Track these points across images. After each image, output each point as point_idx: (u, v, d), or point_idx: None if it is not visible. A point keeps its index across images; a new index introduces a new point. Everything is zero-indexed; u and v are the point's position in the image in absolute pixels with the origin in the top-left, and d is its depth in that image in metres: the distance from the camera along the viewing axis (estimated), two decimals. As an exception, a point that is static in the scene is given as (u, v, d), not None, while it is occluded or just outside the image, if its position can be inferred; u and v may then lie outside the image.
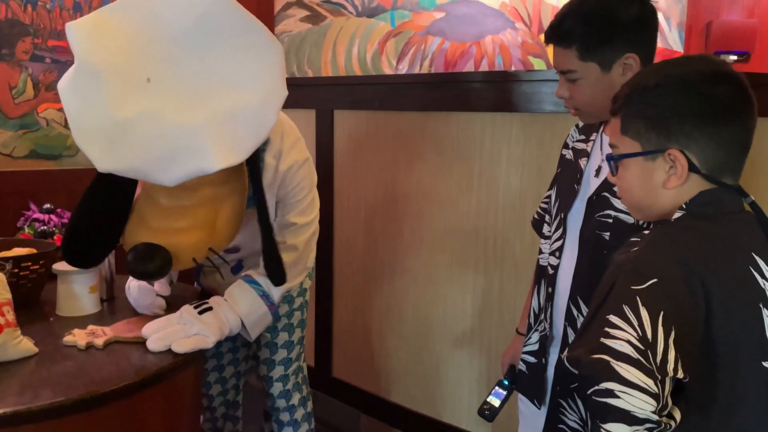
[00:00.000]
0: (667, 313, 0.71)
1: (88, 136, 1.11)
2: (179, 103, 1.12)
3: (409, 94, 2.08)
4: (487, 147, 1.87)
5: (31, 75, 2.39)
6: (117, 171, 1.12)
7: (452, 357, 2.02)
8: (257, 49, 1.18)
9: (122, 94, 1.10)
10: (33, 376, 1.20)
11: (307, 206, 1.56)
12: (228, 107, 1.13)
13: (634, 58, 1.07)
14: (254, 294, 1.46)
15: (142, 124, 1.09)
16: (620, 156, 0.87)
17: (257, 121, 1.15)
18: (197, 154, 1.09)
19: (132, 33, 1.15)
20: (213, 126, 1.11)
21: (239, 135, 1.14)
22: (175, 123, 1.10)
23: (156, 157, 1.10)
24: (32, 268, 1.53)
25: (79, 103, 1.11)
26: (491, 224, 1.88)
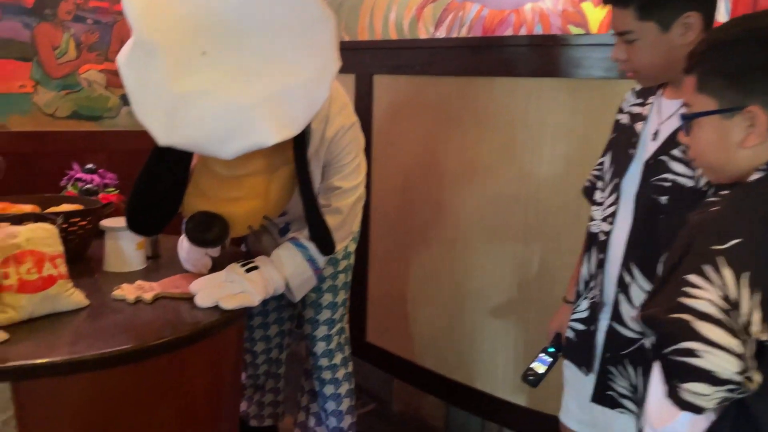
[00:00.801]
0: (753, 274, 0.69)
1: (147, 111, 1.13)
2: (235, 78, 1.13)
3: (451, 59, 2.04)
4: (531, 114, 1.83)
5: (74, 35, 2.40)
6: (176, 145, 1.14)
7: (488, 325, 2.02)
8: (311, 22, 1.18)
9: (179, 69, 1.11)
10: (85, 327, 1.23)
11: (353, 170, 1.56)
12: (282, 83, 1.14)
13: (694, 16, 1.03)
14: (300, 257, 1.47)
15: (199, 99, 1.11)
16: (695, 114, 0.84)
17: (310, 96, 1.17)
18: (253, 129, 1.11)
19: (186, 7, 1.15)
20: (268, 102, 1.13)
21: (293, 110, 1.15)
22: (231, 99, 1.12)
23: (213, 132, 1.12)
24: (80, 224, 1.55)
25: (137, 78, 1.12)
26: (533, 193, 1.85)
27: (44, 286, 1.22)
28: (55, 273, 1.24)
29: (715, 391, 0.67)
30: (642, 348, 1.13)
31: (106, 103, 2.52)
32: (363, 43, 2.41)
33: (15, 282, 1.19)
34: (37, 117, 2.38)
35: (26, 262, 1.21)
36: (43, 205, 1.66)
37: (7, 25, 2.26)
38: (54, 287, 1.24)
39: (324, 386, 1.80)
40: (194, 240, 1.28)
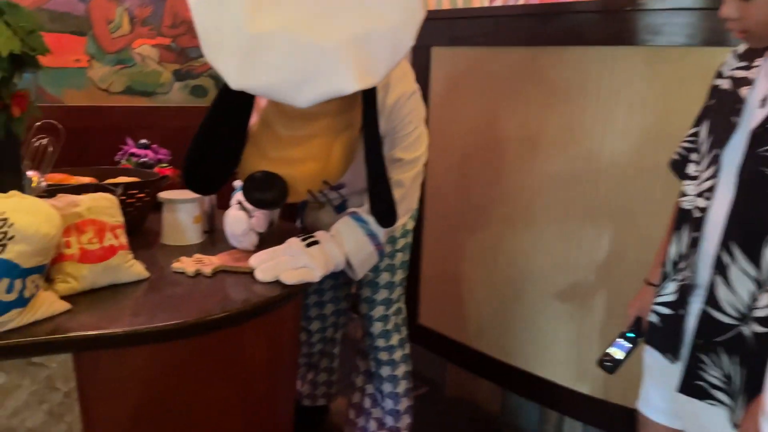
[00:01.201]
0: None
1: (220, 52, 1.07)
2: (316, 17, 1.06)
3: (516, 29, 1.93)
4: (604, 85, 1.72)
5: (127, 9, 2.39)
6: (250, 89, 1.08)
7: (549, 308, 1.93)
8: None
9: (257, 7, 1.05)
10: (146, 299, 1.20)
11: (414, 141, 1.49)
12: (366, 27, 1.06)
13: None
14: (361, 232, 1.41)
15: (277, 39, 1.05)
16: None
17: (394, 43, 1.09)
18: (334, 74, 1.04)
19: None
20: (350, 46, 1.05)
21: (376, 56, 1.07)
22: (312, 40, 1.05)
23: (291, 75, 1.05)
24: (138, 195, 1.53)
25: (211, 16, 1.07)
26: (604, 170, 1.75)
27: (105, 256, 1.19)
28: (116, 243, 1.22)
29: None
30: (740, 335, 1.03)
31: (159, 78, 2.51)
32: (420, 15, 2.31)
33: (77, 251, 1.16)
34: (92, 92, 2.38)
35: (87, 231, 1.18)
36: (101, 177, 1.64)
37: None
38: (115, 258, 1.21)
39: (380, 367, 1.75)
40: (252, 200, 1.22)
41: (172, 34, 2.48)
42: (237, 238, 1.44)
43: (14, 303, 0.99)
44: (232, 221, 1.43)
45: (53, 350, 1.02)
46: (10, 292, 0.98)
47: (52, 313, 1.07)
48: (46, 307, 1.06)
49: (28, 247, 0.99)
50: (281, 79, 1.05)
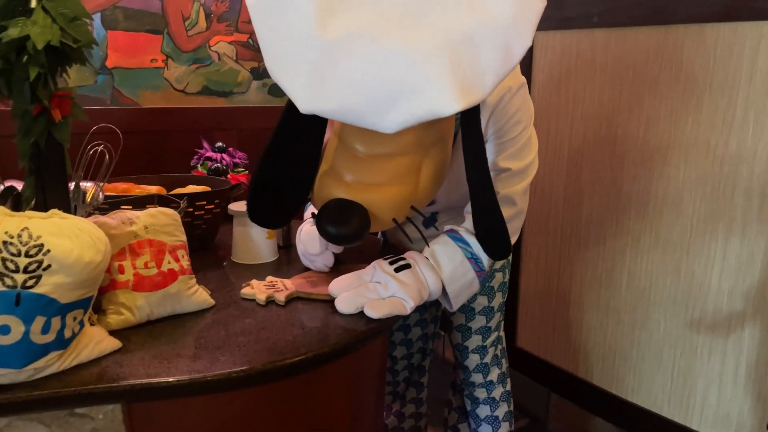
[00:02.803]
0: None
1: (286, 65, 0.85)
2: (402, 19, 0.82)
3: (640, 4, 1.62)
4: (759, 70, 1.39)
5: (204, 5, 2.26)
6: (323, 112, 0.84)
7: (683, 342, 1.61)
8: None
9: (329, 8, 0.82)
10: (209, 335, 1.01)
11: (524, 146, 1.22)
12: (465, 26, 0.80)
13: None
14: (461, 255, 1.17)
15: (353, 48, 0.81)
16: None
17: (505, 45, 0.81)
18: (429, 89, 0.79)
19: None
20: (446, 52, 0.80)
21: (480, 64, 0.80)
22: (398, 47, 0.80)
23: (372, 93, 0.81)
24: (207, 207, 1.36)
25: (274, 23, 0.84)
26: (758, 174, 1.42)
27: (164, 283, 1.02)
28: (176, 267, 1.04)
29: None
30: None
31: (236, 77, 2.37)
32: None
33: (130, 277, 0.99)
34: (168, 93, 2.27)
35: (144, 253, 1.01)
36: (169, 186, 1.50)
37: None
38: (175, 284, 1.03)
39: (477, 407, 1.50)
40: (328, 235, 0.99)
41: (250, 30, 2.34)
42: (310, 259, 1.24)
43: (52, 345, 0.83)
44: (306, 239, 1.23)
45: (99, 400, 0.86)
46: (46, 333, 0.82)
47: (99, 354, 0.90)
48: (91, 347, 0.89)
49: (68, 278, 0.82)
50: (360, 99, 0.81)
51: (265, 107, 2.41)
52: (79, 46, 0.88)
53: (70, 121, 0.92)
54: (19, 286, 0.79)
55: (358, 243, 1.01)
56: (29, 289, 0.80)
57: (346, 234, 0.96)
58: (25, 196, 0.95)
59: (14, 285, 0.79)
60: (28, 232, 0.81)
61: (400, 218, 1.02)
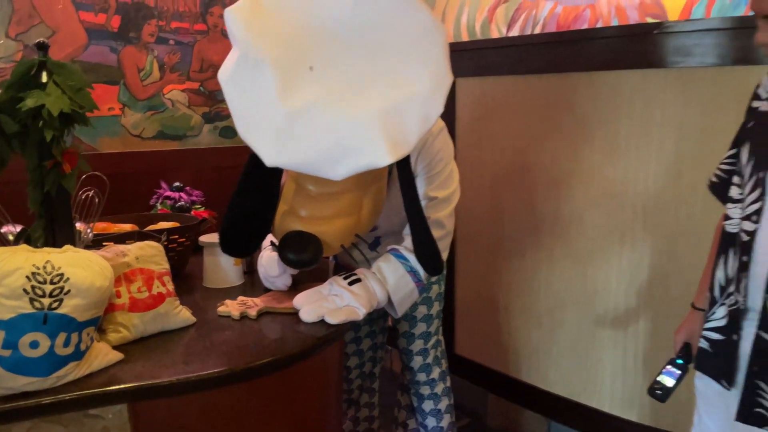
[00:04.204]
0: None
1: (254, 130, 1.06)
2: (345, 93, 1.06)
3: (542, 56, 1.95)
4: (636, 109, 1.72)
5: (157, 57, 2.45)
6: (284, 165, 1.07)
7: (591, 337, 1.90)
8: (421, 32, 1.09)
9: (287, 84, 1.05)
10: (195, 345, 1.21)
11: (446, 178, 1.48)
12: (395, 98, 1.06)
13: None
14: (403, 269, 1.41)
15: (310, 115, 1.04)
16: None
17: (425, 111, 1.07)
18: (367, 148, 1.03)
19: (290, 19, 1.09)
20: (381, 118, 1.04)
21: (406, 127, 1.06)
22: (344, 115, 1.04)
23: (325, 152, 1.04)
24: (179, 240, 1.55)
25: (243, 95, 1.07)
26: (640, 193, 1.73)
27: (154, 304, 1.21)
28: (164, 291, 1.24)
29: None
30: (801, 360, 1.01)
31: (189, 121, 2.56)
32: (443, 47, 2.34)
33: (126, 301, 1.18)
34: (126, 138, 2.44)
35: (137, 280, 1.20)
36: (141, 223, 1.68)
37: (94, 50, 2.33)
38: (163, 305, 1.23)
39: (423, 402, 1.73)
40: (288, 261, 1.22)
41: (200, 78, 2.54)
42: (271, 280, 1.45)
43: (71, 356, 1.01)
44: (267, 263, 1.45)
45: (109, 401, 1.04)
46: (67, 346, 1.00)
47: (107, 364, 1.08)
48: (101, 358, 1.07)
49: (83, 301, 1.01)
50: (315, 156, 1.05)
51: (217, 148, 2.60)
52: (84, 111, 1.08)
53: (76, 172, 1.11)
54: (46, 308, 0.97)
55: (313, 267, 1.24)
56: (54, 311, 0.98)
57: (304, 260, 1.20)
58: (36, 236, 1.13)
59: (42, 307, 0.97)
60: (50, 264, 0.99)
61: (347, 244, 1.27)
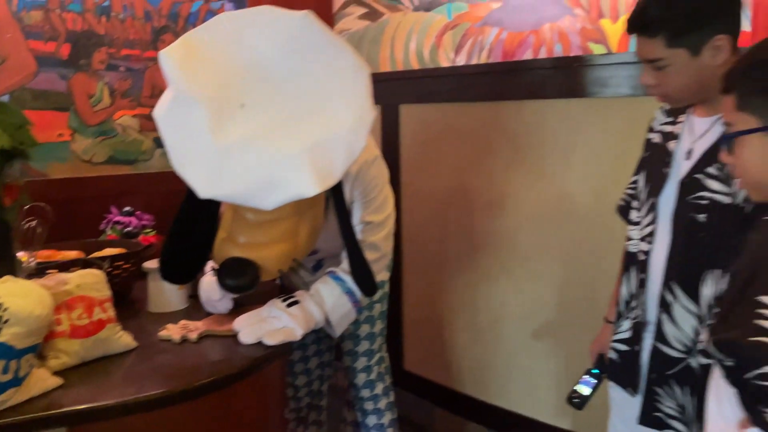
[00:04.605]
0: None
1: (188, 164, 1.13)
2: (274, 129, 1.13)
3: (479, 85, 2.06)
4: (561, 135, 1.84)
5: (107, 83, 2.49)
6: (217, 197, 1.14)
7: (528, 349, 2.00)
8: (346, 71, 1.18)
9: (219, 122, 1.11)
10: (135, 368, 1.26)
11: (381, 204, 1.57)
12: (321, 134, 1.13)
13: (724, 39, 1.03)
14: (339, 290, 1.48)
15: (240, 150, 1.11)
16: (738, 133, 0.84)
17: (349, 145, 1.15)
18: (295, 180, 1.10)
19: (223, 58, 1.16)
20: (309, 153, 1.12)
21: (332, 159, 1.14)
22: (272, 150, 1.11)
23: (255, 184, 1.11)
24: (124, 266, 1.60)
25: (177, 131, 1.13)
26: (566, 214, 1.85)
27: (95, 331, 1.25)
28: (104, 317, 1.28)
29: None
30: (688, 367, 1.11)
31: (141, 146, 2.60)
32: (389, 74, 2.45)
33: (67, 328, 1.22)
34: (76, 164, 2.46)
35: (77, 308, 1.24)
36: (87, 250, 1.71)
37: (44, 77, 2.35)
38: (104, 331, 1.27)
39: (366, 417, 1.80)
40: (227, 287, 1.27)
41: (152, 104, 2.58)
42: (212, 304, 1.50)
43: (10, 383, 1.05)
44: (207, 288, 1.50)
45: (48, 426, 1.07)
46: (6, 373, 1.04)
47: (46, 389, 1.12)
48: (40, 384, 1.11)
49: (22, 329, 1.05)
50: (245, 188, 1.11)
51: (169, 172, 2.57)
52: (24, 147, 1.14)
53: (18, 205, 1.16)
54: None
55: (251, 291, 1.30)
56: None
57: (242, 285, 1.26)
58: (-24, 267, 1.17)
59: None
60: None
61: (285, 268, 1.34)
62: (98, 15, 2.46)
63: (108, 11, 2.48)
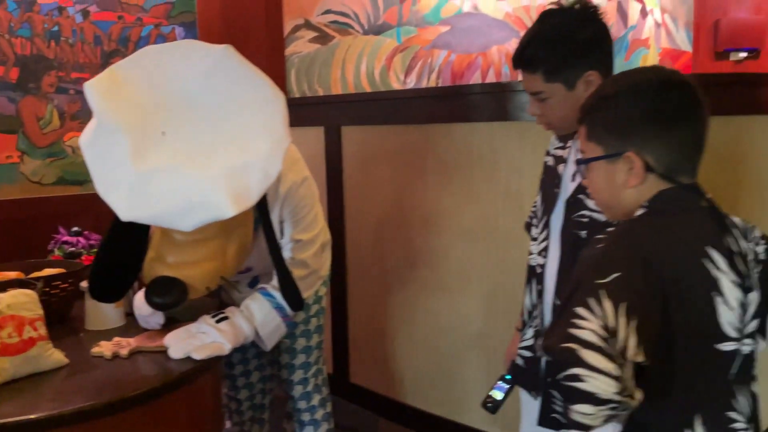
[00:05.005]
0: (629, 304, 0.78)
1: (110, 189, 1.19)
2: (193, 155, 1.21)
3: (412, 108, 2.17)
4: (487, 156, 1.95)
5: (57, 106, 2.54)
6: (138, 219, 1.20)
7: (463, 359, 2.09)
8: (263, 101, 1.27)
9: (140, 149, 1.19)
10: (64, 384, 1.31)
11: (310, 222, 1.65)
12: (237, 159, 1.21)
13: (594, 74, 1.16)
14: (269, 306, 1.56)
15: (160, 176, 1.18)
16: (587, 160, 0.95)
17: (265, 170, 1.23)
18: (212, 203, 1.18)
19: (145, 89, 1.23)
20: (225, 178, 1.19)
21: (248, 183, 1.21)
22: (190, 175, 1.19)
23: (173, 206, 1.18)
24: (62, 286, 1.65)
25: (100, 159, 1.20)
26: (492, 230, 1.96)
27: (25, 348, 1.30)
28: (35, 335, 1.33)
29: (598, 410, 0.76)
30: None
31: (91, 167, 2.64)
32: (331, 98, 2.55)
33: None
34: (25, 185, 2.50)
35: (7, 327, 1.30)
36: (27, 270, 1.75)
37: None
38: (34, 348, 1.32)
39: (303, 428, 1.86)
40: (154, 305, 1.34)
41: (102, 126, 2.63)
42: (145, 320, 1.56)
43: (-64, 399, 1.10)
44: (139, 304, 1.56)
45: (-26, 440, 1.13)
46: (-69, 390, 1.09)
47: (-27, 406, 1.17)
48: (-34, 400, 1.16)
49: (-52, 348, 1.10)
50: (164, 210, 1.18)
51: None
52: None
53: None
54: None
55: (178, 309, 1.37)
56: None
57: (168, 303, 1.33)
58: None
59: None
60: None
61: (212, 287, 1.41)
62: (47, 39, 2.52)
63: (57, 36, 2.54)
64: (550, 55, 1.16)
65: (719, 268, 0.85)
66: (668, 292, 0.82)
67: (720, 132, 1.64)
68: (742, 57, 5.17)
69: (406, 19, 3.61)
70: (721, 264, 0.85)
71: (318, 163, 2.40)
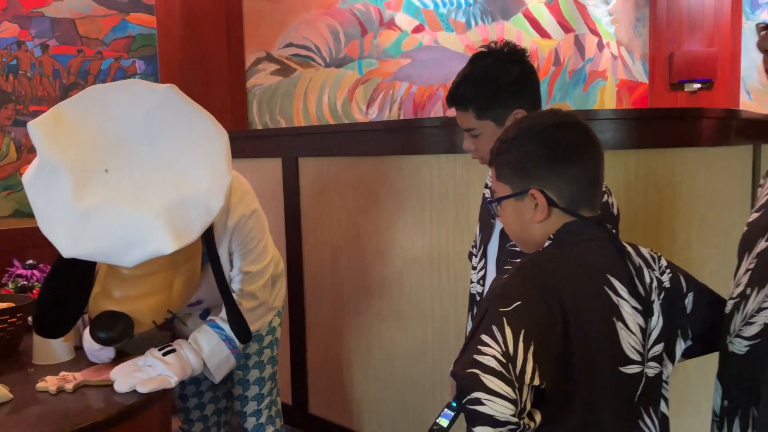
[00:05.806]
0: (527, 330, 0.83)
1: (52, 226, 1.22)
2: (135, 192, 1.23)
3: (366, 141, 2.23)
4: (435, 186, 2.01)
5: (14, 139, 2.54)
6: (80, 256, 1.22)
7: (417, 386, 2.12)
8: (204, 138, 1.30)
9: (82, 186, 1.21)
10: (6, 420, 1.30)
11: (259, 254, 1.67)
12: (179, 195, 1.24)
13: (521, 112, 1.23)
14: (217, 338, 1.57)
15: (101, 213, 1.20)
16: (498, 199, 1.01)
17: (206, 206, 1.26)
18: (152, 238, 1.20)
19: (89, 127, 1.26)
20: (166, 213, 1.22)
21: (190, 219, 1.24)
22: (131, 211, 1.21)
23: (114, 243, 1.20)
24: (10, 320, 1.64)
25: (42, 196, 1.22)
26: (443, 259, 2.00)
27: (-34, 384, 1.30)
28: (-23, 371, 1.33)
29: None
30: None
31: (48, 199, 2.63)
32: (287, 130, 2.60)
33: (-63, 383, 1.27)
34: (-21, 218, 2.48)
35: (-52, 363, 1.29)
36: (-24, 305, 1.74)
37: (-52, 133, 2.39)
38: (-23, 384, 1.32)
39: (257, 459, 1.86)
40: (99, 340, 1.34)
41: (60, 158, 2.63)
42: (94, 354, 1.56)
43: None
44: (88, 338, 1.56)
45: None
46: None
47: None
48: None
49: None
50: (105, 247, 1.20)
51: None
52: None
53: None
54: None
55: (123, 343, 1.37)
56: None
57: (113, 337, 1.34)
58: None
59: None
60: None
61: (159, 320, 1.42)
62: (5, 73, 2.53)
63: (16, 69, 2.55)
64: (480, 94, 1.22)
65: (619, 295, 0.90)
66: (569, 317, 0.87)
67: (658, 163, 1.74)
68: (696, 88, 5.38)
69: (367, 53, 3.71)
70: (621, 290, 0.90)
71: (276, 194, 2.43)
